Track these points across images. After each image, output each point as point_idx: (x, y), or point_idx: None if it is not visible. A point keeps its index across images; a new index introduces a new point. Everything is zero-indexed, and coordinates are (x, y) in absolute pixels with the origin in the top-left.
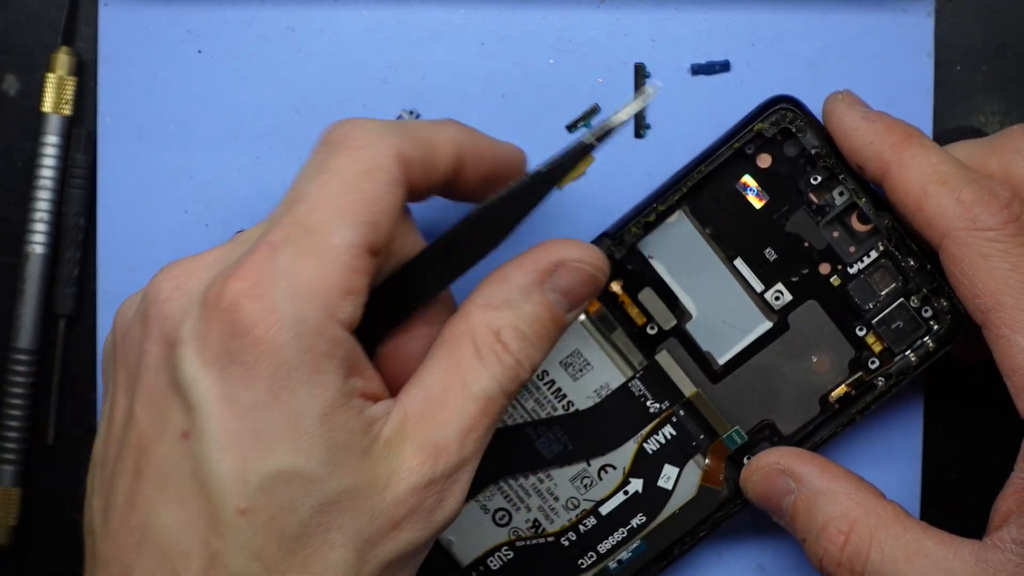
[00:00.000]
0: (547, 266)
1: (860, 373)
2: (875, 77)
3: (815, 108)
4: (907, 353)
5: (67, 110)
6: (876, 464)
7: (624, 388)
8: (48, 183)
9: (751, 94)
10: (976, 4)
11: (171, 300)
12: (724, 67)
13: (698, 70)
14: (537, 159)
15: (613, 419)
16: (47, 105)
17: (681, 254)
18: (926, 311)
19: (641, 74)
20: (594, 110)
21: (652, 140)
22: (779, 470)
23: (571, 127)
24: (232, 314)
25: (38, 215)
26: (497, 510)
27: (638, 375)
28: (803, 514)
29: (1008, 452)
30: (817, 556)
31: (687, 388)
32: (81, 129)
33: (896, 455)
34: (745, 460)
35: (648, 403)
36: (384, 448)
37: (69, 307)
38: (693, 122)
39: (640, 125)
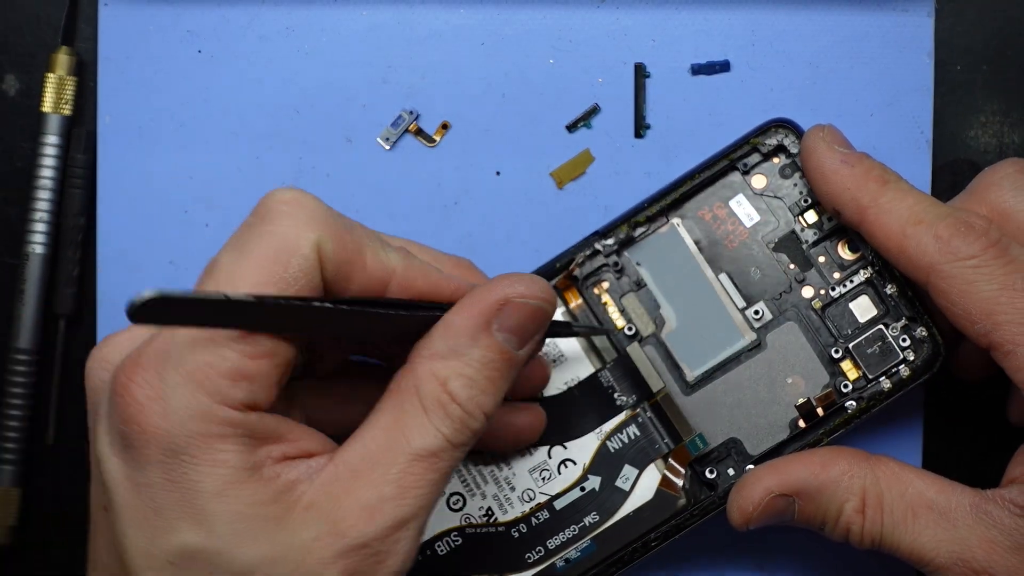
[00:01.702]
0: (491, 306)
1: (831, 395)
2: (875, 77)
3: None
4: (881, 380)
5: (67, 110)
6: None
7: (593, 378)
8: (48, 183)
9: (751, 94)
10: (976, 4)
11: (95, 373)
12: (724, 67)
13: (698, 70)
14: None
15: (578, 408)
16: (47, 105)
17: (669, 264)
18: (904, 340)
19: (641, 74)
20: (594, 110)
21: (652, 140)
22: (773, 497)
23: (571, 127)
24: (123, 400)
25: (38, 215)
26: (452, 494)
27: (608, 366)
28: (813, 512)
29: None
30: (842, 537)
31: (655, 383)
32: (81, 129)
33: None
34: (708, 473)
35: (616, 395)
36: (304, 512)
37: (69, 307)
38: (693, 122)
39: (640, 125)
